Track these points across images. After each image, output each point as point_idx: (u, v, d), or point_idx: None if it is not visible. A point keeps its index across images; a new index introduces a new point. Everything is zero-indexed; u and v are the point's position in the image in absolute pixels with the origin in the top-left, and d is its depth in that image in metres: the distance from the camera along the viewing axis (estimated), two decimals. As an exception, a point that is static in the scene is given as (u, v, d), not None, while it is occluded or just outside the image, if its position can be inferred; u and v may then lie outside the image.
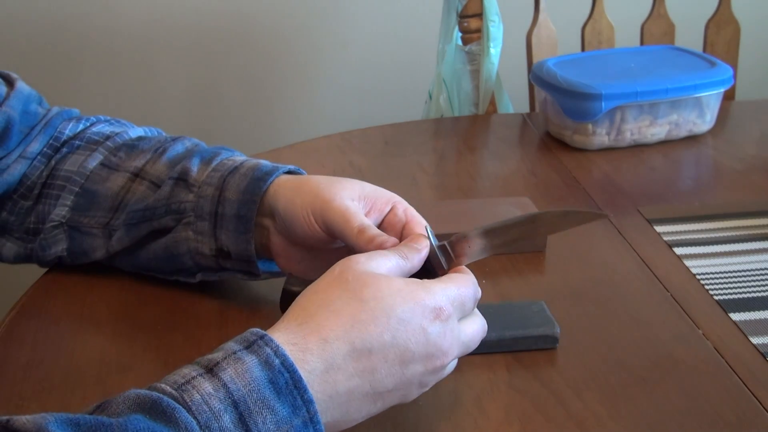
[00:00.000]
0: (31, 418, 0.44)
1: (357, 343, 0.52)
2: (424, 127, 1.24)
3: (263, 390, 0.48)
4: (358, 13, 1.75)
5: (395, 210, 0.67)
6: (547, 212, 0.63)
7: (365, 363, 0.52)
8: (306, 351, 0.51)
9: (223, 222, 0.70)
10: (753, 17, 1.52)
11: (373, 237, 0.62)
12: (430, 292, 0.55)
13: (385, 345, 0.52)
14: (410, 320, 0.53)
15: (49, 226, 0.76)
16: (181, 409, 0.46)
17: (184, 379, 0.48)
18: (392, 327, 0.52)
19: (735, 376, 0.65)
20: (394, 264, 0.57)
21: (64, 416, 0.45)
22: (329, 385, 0.51)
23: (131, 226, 0.74)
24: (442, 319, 0.54)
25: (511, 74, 1.41)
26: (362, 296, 0.53)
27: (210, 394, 0.47)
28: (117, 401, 0.47)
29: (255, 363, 0.49)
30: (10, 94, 0.78)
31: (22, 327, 0.72)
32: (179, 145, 0.78)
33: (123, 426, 0.45)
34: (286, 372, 0.49)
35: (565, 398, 0.63)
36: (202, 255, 0.71)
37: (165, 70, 1.74)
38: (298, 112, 1.82)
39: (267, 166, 0.71)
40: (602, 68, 1.14)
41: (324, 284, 0.55)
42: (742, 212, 0.91)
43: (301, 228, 0.66)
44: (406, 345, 0.53)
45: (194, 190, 0.71)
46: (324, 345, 0.51)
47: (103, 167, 0.78)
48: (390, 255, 0.58)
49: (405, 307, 0.53)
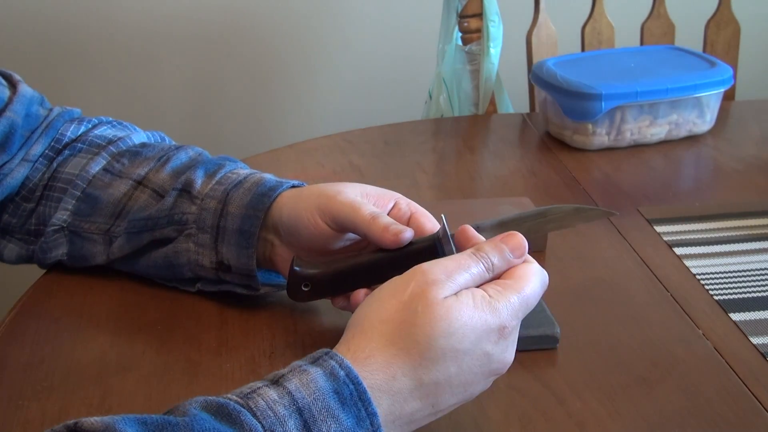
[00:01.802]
0: (100, 419, 0.45)
1: (424, 378, 0.52)
2: (424, 127, 1.24)
3: (328, 399, 0.49)
4: (358, 13, 1.75)
5: (399, 205, 0.68)
6: (558, 207, 0.63)
7: (430, 392, 0.53)
8: (373, 388, 0.51)
9: (225, 236, 0.70)
10: (753, 17, 1.52)
11: (387, 224, 0.63)
12: (496, 312, 0.54)
13: (450, 376, 0.53)
14: (475, 350, 0.53)
15: (51, 229, 0.76)
16: (247, 413, 0.47)
17: (250, 389, 0.49)
18: (458, 360, 0.53)
19: (735, 376, 0.65)
20: (468, 276, 0.55)
21: (131, 416, 0.46)
22: (393, 413, 0.52)
23: (133, 234, 0.74)
24: (504, 336, 0.54)
25: (511, 74, 1.41)
26: (432, 334, 0.52)
27: (275, 401, 0.48)
28: (184, 405, 0.48)
29: (320, 374, 0.50)
30: (13, 98, 0.77)
31: (22, 327, 0.72)
32: (183, 154, 0.78)
33: (189, 425, 0.45)
34: (351, 384, 0.49)
35: (565, 398, 0.63)
36: (202, 267, 0.71)
37: (165, 69, 1.74)
38: (298, 112, 1.82)
39: (271, 181, 0.71)
40: (602, 68, 1.14)
41: (392, 310, 0.53)
42: (742, 212, 0.91)
43: (306, 230, 0.66)
44: (470, 370, 0.53)
45: (197, 203, 0.71)
46: (391, 382, 0.51)
47: (106, 173, 0.77)
48: (466, 263, 0.56)
49: (472, 338, 0.53)
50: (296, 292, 0.66)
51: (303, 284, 0.65)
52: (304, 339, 0.70)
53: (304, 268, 0.66)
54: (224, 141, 1.80)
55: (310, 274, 0.65)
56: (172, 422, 0.46)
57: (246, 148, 1.66)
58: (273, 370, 0.64)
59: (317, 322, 0.72)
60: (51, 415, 0.61)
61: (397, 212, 0.67)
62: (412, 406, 0.52)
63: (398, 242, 0.63)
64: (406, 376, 0.51)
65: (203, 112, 1.80)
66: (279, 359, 0.67)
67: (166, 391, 0.64)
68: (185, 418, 0.46)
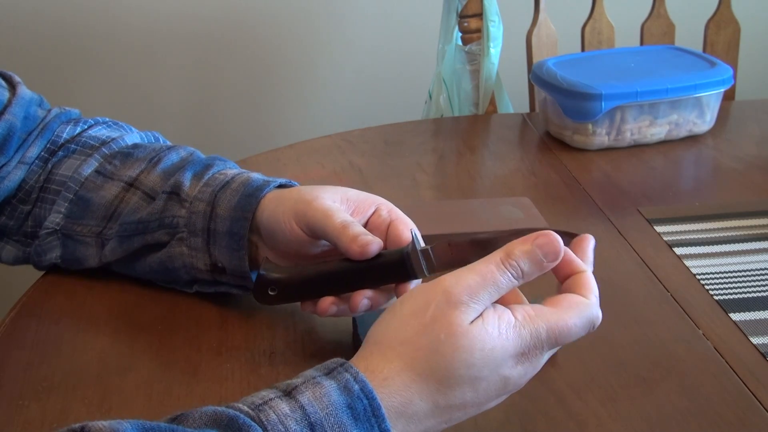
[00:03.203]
0: (107, 423, 0.45)
1: (440, 402, 0.51)
2: (424, 127, 1.24)
3: (341, 415, 0.48)
4: (358, 13, 1.75)
5: (379, 211, 0.67)
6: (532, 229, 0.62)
7: (445, 413, 0.52)
8: (389, 409, 0.50)
9: (216, 239, 0.69)
10: (753, 17, 1.52)
11: (356, 234, 0.62)
12: (519, 340, 0.52)
13: (466, 401, 0.52)
14: (493, 375, 0.52)
15: (44, 232, 0.76)
16: (257, 427, 0.46)
17: (262, 400, 0.48)
18: (476, 386, 0.52)
19: (735, 376, 0.65)
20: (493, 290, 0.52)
21: (139, 423, 0.45)
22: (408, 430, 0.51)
23: (124, 238, 0.73)
24: (522, 361, 0.53)
25: (511, 74, 1.41)
26: (452, 364, 0.51)
27: (286, 415, 0.47)
28: (193, 415, 0.47)
29: (334, 387, 0.49)
30: (12, 100, 0.77)
31: (22, 327, 0.72)
32: (174, 154, 0.78)
33: None
34: (365, 398, 0.49)
35: (565, 398, 0.63)
36: (198, 269, 0.71)
37: (166, 69, 1.74)
38: (298, 112, 1.82)
39: (258, 181, 0.70)
40: (602, 68, 1.14)
41: (413, 332, 0.51)
42: (742, 212, 0.91)
43: (282, 234, 0.66)
44: (487, 393, 0.52)
45: (186, 206, 0.71)
46: (408, 405, 0.51)
47: (98, 174, 0.77)
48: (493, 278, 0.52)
49: (492, 367, 0.51)
50: (262, 296, 0.65)
51: (270, 288, 0.65)
52: (304, 339, 0.70)
53: (271, 272, 0.65)
54: (224, 141, 1.80)
55: (276, 278, 0.65)
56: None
57: (246, 147, 1.65)
58: (273, 370, 0.64)
59: (317, 322, 0.72)
60: (51, 415, 0.61)
61: (376, 219, 0.66)
62: (426, 423, 0.52)
63: (364, 254, 0.62)
64: (423, 400, 0.51)
65: (203, 112, 1.80)
66: (279, 359, 0.67)
67: (167, 391, 0.64)
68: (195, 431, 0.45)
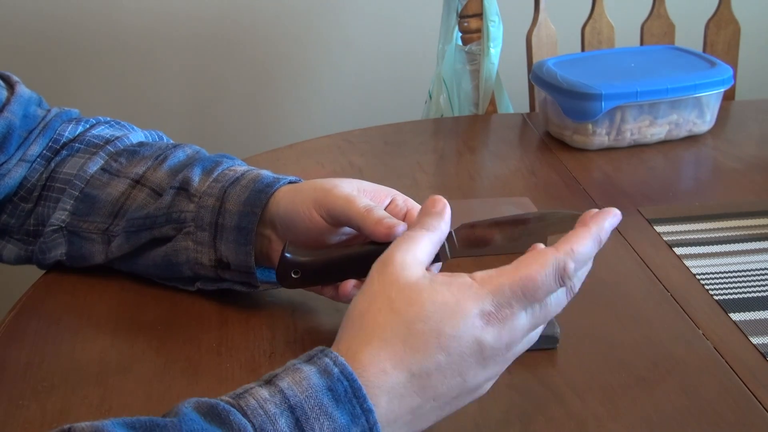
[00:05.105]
0: (89, 423, 0.45)
1: (413, 369, 0.51)
2: (424, 127, 1.24)
3: (321, 397, 0.48)
4: (358, 13, 1.75)
5: (395, 201, 0.68)
6: (556, 212, 0.63)
7: (425, 384, 0.51)
8: (368, 386, 0.50)
9: (223, 233, 0.70)
10: (753, 17, 1.52)
11: (381, 217, 0.63)
12: (478, 298, 0.52)
13: (440, 365, 0.51)
14: (461, 335, 0.51)
15: (49, 230, 0.76)
16: (236, 412, 0.47)
17: (243, 389, 0.49)
18: (444, 346, 0.51)
19: (735, 376, 0.65)
20: (426, 244, 0.55)
21: (120, 420, 0.46)
22: (393, 411, 0.51)
23: (131, 233, 0.74)
24: (494, 323, 0.52)
25: (511, 74, 1.41)
26: (408, 318, 0.51)
27: (266, 399, 0.48)
28: (177, 406, 0.48)
29: (313, 371, 0.49)
30: (11, 99, 0.78)
31: (22, 327, 0.72)
32: (180, 152, 0.78)
33: (177, 426, 0.45)
34: (345, 380, 0.49)
35: (565, 398, 0.63)
36: (201, 265, 0.71)
37: (165, 69, 1.74)
38: (298, 112, 1.82)
39: (268, 178, 0.71)
40: (602, 68, 1.14)
41: (367, 303, 0.53)
42: (742, 212, 0.91)
43: (302, 223, 0.67)
44: (462, 359, 0.51)
45: (195, 201, 0.72)
46: (384, 377, 0.50)
47: (104, 172, 0.78)
48: (416, 235, 0.56)
49: (452, 322, 0.51)
50: (285, 278, 0.66)
51: (293, 271, 0.65)
52: (304, 339, 0.70)
53: (295, 255, 0.65)
54: (224, 140, 1.80)
55: (301, 262, 0.65)
56: (160, 424, 0.46)
57: (246, 147, 1.66)
58: (273, 369, 0.64)
59: (317, 322, 0.72)
60: (51, 415, 0.61)
61: (393, 208, 0.67)
62: (411, 401, 0.51)
63: (391, 235, 0.62)
64: (396, 368, 0.50)
65: (203, 112, 1.81)
66: (279, 359, 0.67)
67: (167, 391, 0.64)
68: (173, 419, 0.46)
